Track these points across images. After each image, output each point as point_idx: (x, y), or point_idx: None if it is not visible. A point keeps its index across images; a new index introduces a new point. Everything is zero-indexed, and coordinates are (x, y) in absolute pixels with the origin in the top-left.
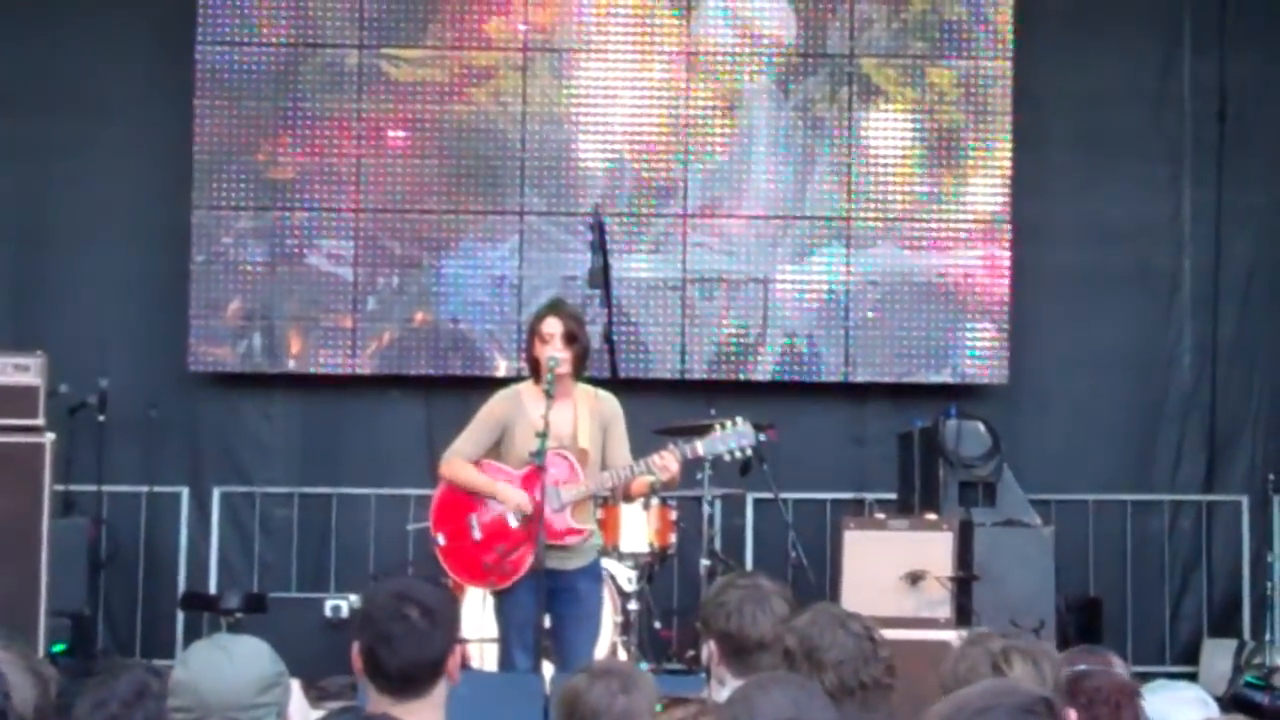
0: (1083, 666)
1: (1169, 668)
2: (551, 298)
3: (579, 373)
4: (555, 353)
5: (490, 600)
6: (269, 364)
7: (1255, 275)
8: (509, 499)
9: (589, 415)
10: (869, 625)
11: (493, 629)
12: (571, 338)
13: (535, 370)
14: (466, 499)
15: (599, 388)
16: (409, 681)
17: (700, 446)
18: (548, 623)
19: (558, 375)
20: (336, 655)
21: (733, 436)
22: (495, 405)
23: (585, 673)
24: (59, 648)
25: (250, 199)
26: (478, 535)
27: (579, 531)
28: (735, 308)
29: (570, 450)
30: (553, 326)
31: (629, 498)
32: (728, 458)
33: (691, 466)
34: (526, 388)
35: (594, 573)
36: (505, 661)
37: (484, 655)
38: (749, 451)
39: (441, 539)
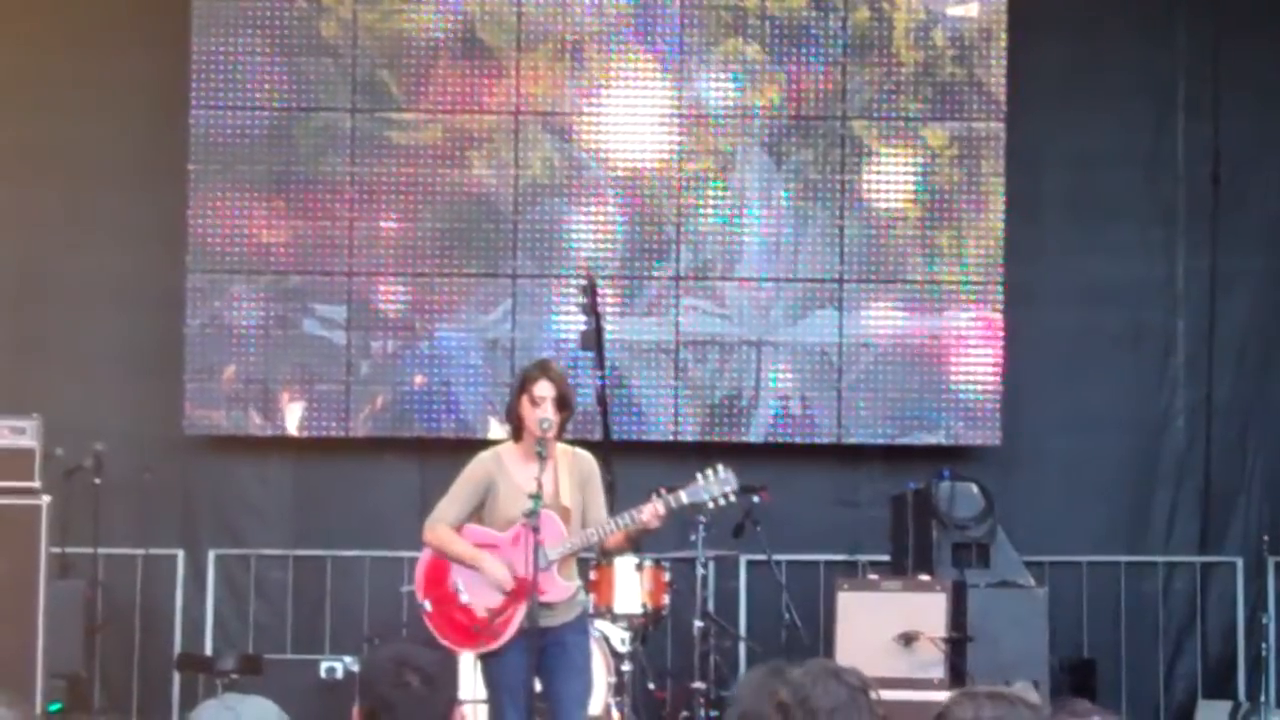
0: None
1: None
2: (538, 359)
3: (560, 434)
4: (547, 415)
5: (479, 664)
6: (263, 427)
7: (1249, 337)
8: (493, 573)
9: (568, 474)
10: (863, 678)
11: (483, 691)
12: (563, 402)
13: (517, 428)
14: (450, 565)
15: (579, 447)
16: None
17: (684, 495)
18: (537, 684)
19: (546, 438)
20: (332, 716)
21: (715, 484)
22: (477, 468)
23: None
24: (55, 707)
25: (244, 263)
26: (464, 599)
27: (565, 590)
28: (728, 370)
29: (554, 509)
30: (545, 390)
31: (608, 553)
32: (711, 505)
33: (684, 526)
34: (506, 449)
35: (581, 626)
36: None
37: (477, 715)
38: (732, 498)
39: (428, 605)
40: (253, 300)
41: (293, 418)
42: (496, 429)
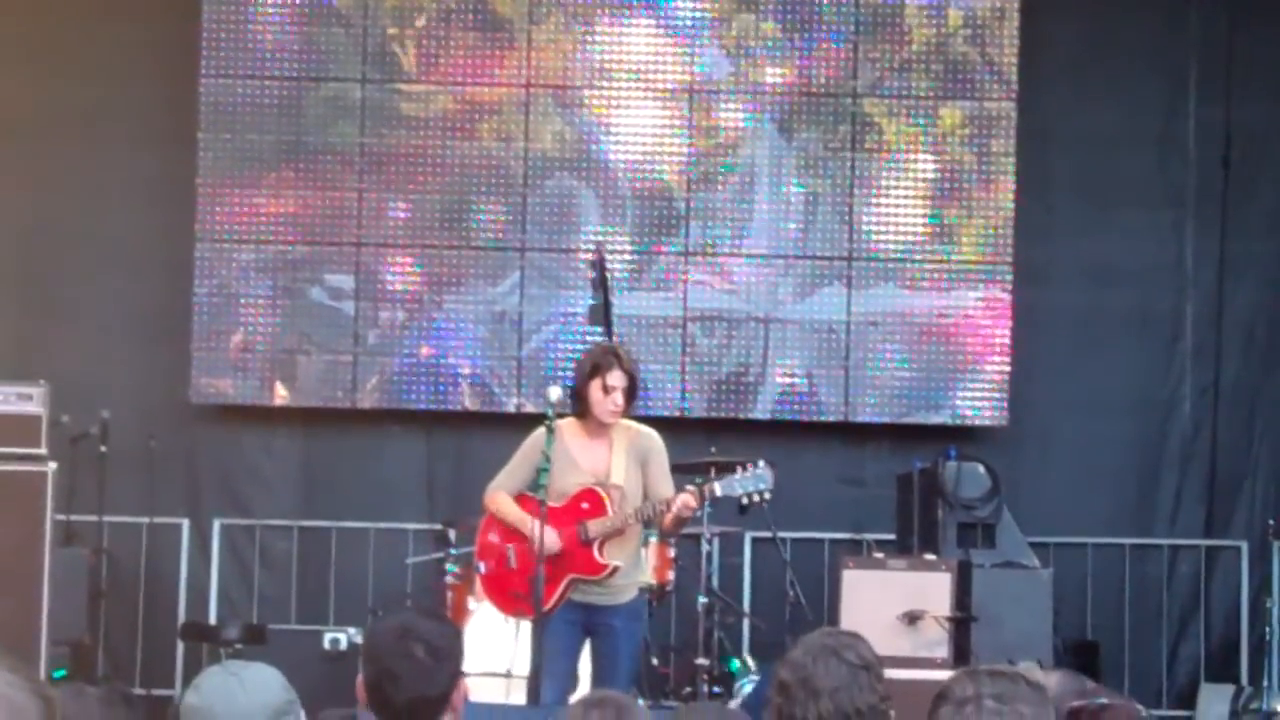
0: (1102, 700)
1: (1166, 712)
2: (606, 343)
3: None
4: (616, 406)
5: (524, 628)
6: (270, 397)
7: (1257, 321)
8: (535, 537)
9: (626, 451)
10: (864, 653)
11: (502, 663)
12: (633, 392)
13: (582, 406)
14: (507, 531)
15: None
16: (414, 716)
17: (719, 487)
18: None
19: (612, 425)
20: (335, 687)
21: (752, 479)
22: (535, 440)
23: (580, 703)
24: (60, 674)
25: (253, 232)
26: (513, 564)
27: (604, 566)
28: (736, 346)
29: (602, 486)
30: (618, 380)
31: (665, 532)
32: (745, 500)
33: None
34: (568, 424)
35: (633, 610)
36: (535, 689)
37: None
38: (767, 497)
39: (483, 567)
40: (261, 269)
41: (300, 388)
42: (504, 402)
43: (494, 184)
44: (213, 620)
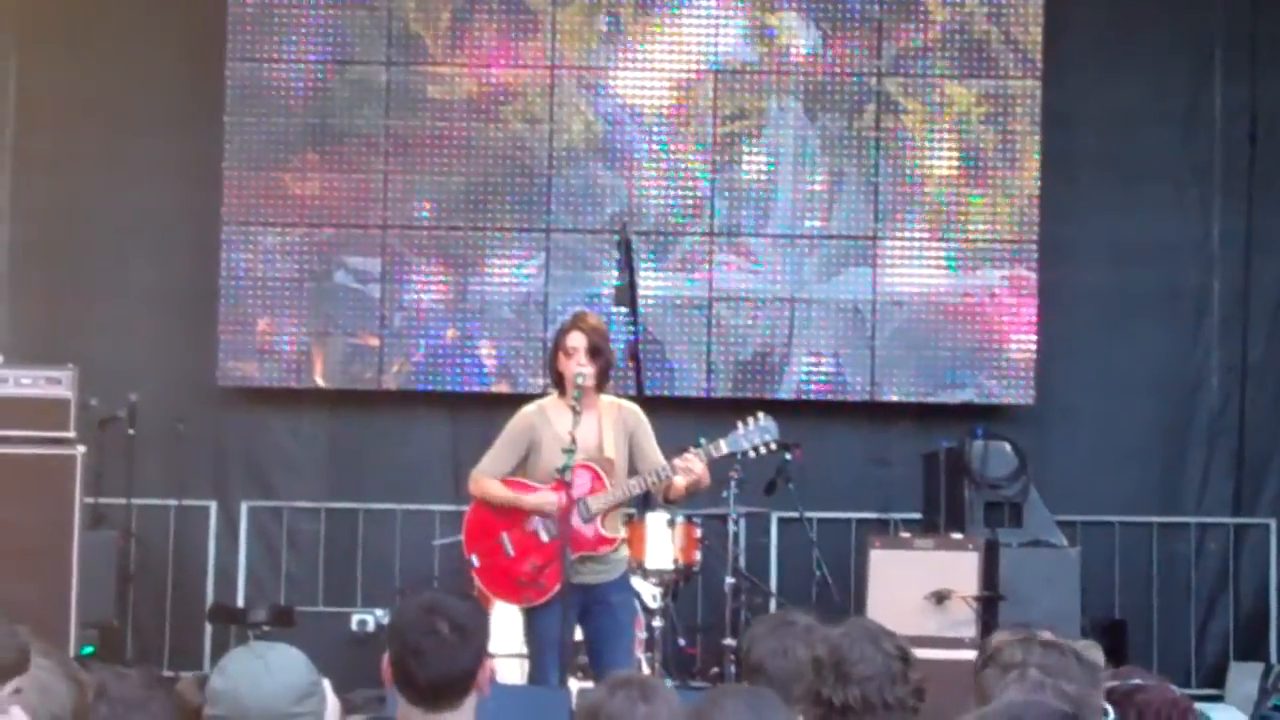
0: (1136, 680)
1: (1194, 690)
2: (575, 311)
3: (602, 385)
4: (580, 368)
5: (521, 617)
6: (296, 380)
7: None
8: (536, 505)
9: (613, 426)
10: (903, 646)
11: (522, 644)
12: (595, 351)
13: (559, 383)
14: (497, 518)
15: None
16: (439, 694)
17: (724, 444)
18: (579, 636)
19: (583, 389)
20: (362, 669)
21: (756, 432)
22: (520, 421)
23: (605, 684)
24: (88, 650)
25: (279, 215)
26: (510, 552)
27: (610, 541)
28: (761, 327)
29: (596, 461)
30: (576, 340)
31: (670, 501)
32: (753, 453)
33: (716, 484)
34: (550, 402)
35: (624, 584)
36: (538, 679)
37: (515, 670)
38: (773, 446)
39: (475, 560)
40: (287, 252)
41: (325, 370)
42: (529, 383)
43: (519, 166)
44: (240, 602)
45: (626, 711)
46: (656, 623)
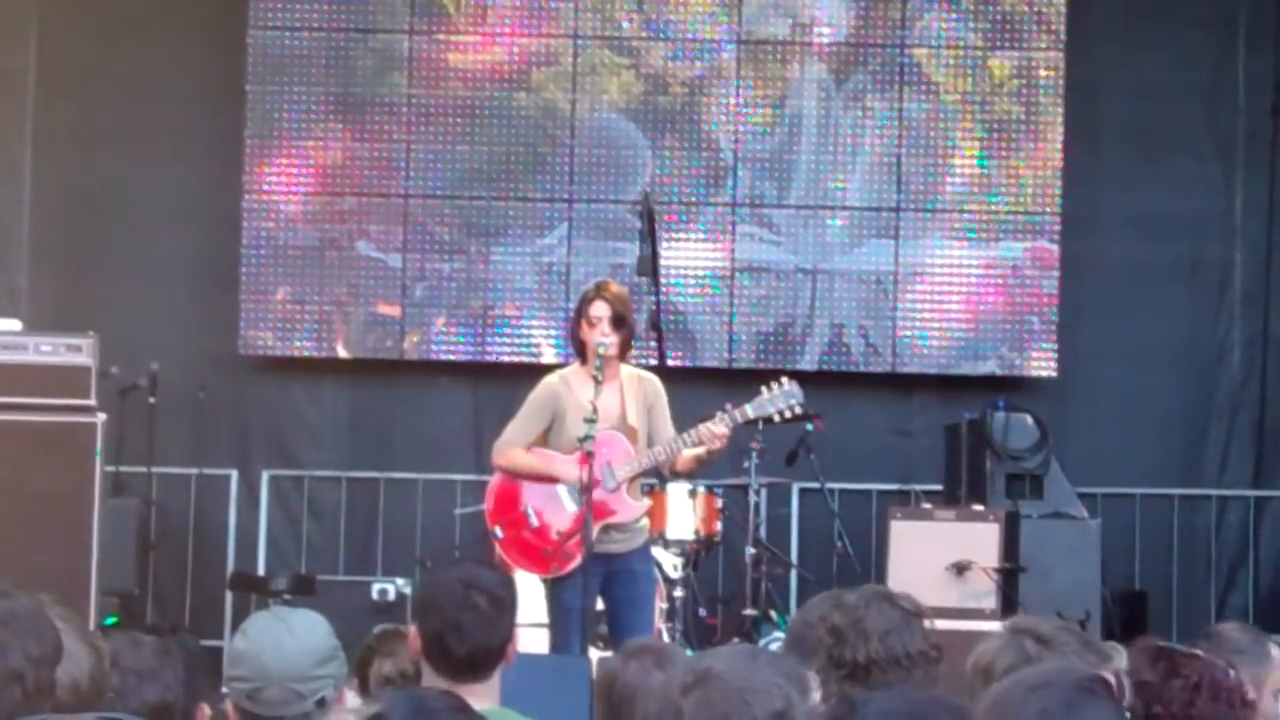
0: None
1: None
2: (598, 280)
3: (625, 355)
4: (603, 337)
5: (544, 587)
6: (318, 349)
7: None
8: (565, 473)
9: (634, 396)
10: (916, 603)
11: (542, 614)
12: (619, 320)
13: (581, 352)
14: (520, 490)
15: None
16: (475, 667)
17: (749, 409)
18: (601, 606)
19: (605, 358)
20: None
21: (780, 397)
22: (543, 391)
23: (621, 652)
24: (111, 620)
25: (300, 184)
26: (535, 523)
27: (635, 509)
28: (783, 297)
29: (620, 429)
30: (600, 310)
31: (677, 473)
32: (777, 418)
33: (737, 454)
34: (573, 371)
35: (646, 554)
36: (560, 648)
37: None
38: (798, 410)
39: (500, 531)
40: (308, 221)
41: (347, 340)
42: (551, 353)
43: (541, 135)
44: (261, 571)
45: (641, 679)
46: (677, 593)
